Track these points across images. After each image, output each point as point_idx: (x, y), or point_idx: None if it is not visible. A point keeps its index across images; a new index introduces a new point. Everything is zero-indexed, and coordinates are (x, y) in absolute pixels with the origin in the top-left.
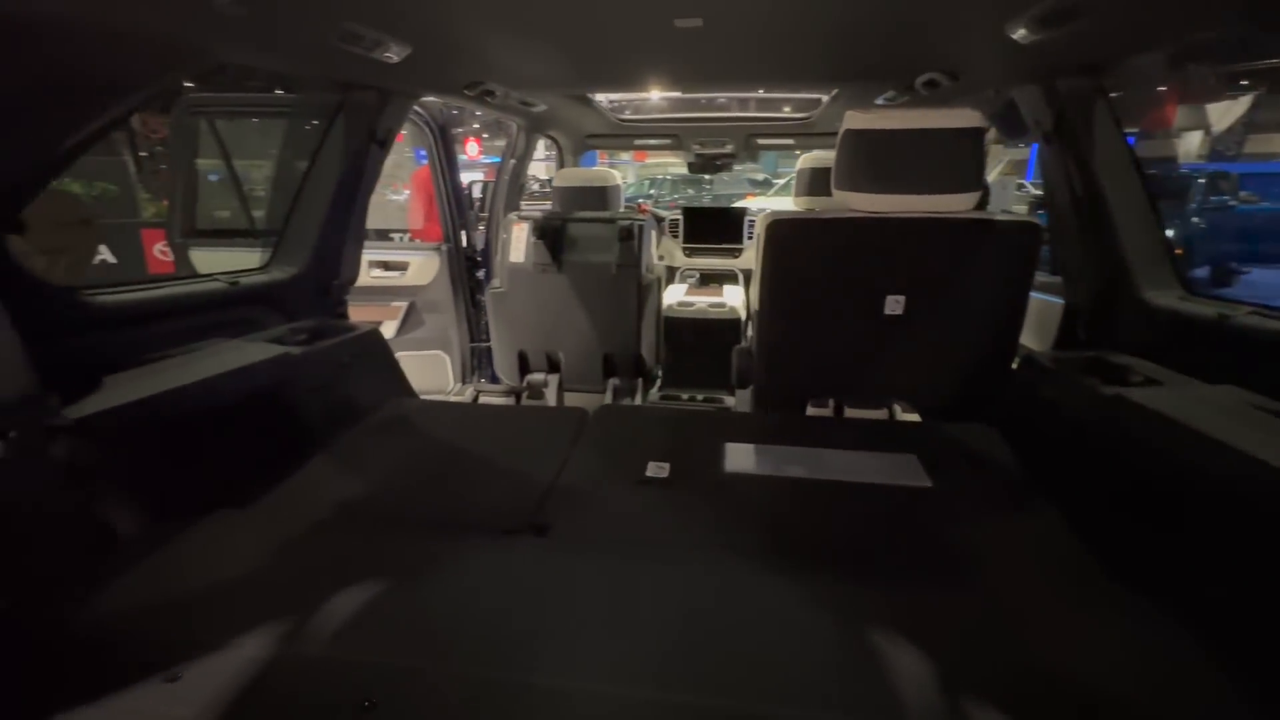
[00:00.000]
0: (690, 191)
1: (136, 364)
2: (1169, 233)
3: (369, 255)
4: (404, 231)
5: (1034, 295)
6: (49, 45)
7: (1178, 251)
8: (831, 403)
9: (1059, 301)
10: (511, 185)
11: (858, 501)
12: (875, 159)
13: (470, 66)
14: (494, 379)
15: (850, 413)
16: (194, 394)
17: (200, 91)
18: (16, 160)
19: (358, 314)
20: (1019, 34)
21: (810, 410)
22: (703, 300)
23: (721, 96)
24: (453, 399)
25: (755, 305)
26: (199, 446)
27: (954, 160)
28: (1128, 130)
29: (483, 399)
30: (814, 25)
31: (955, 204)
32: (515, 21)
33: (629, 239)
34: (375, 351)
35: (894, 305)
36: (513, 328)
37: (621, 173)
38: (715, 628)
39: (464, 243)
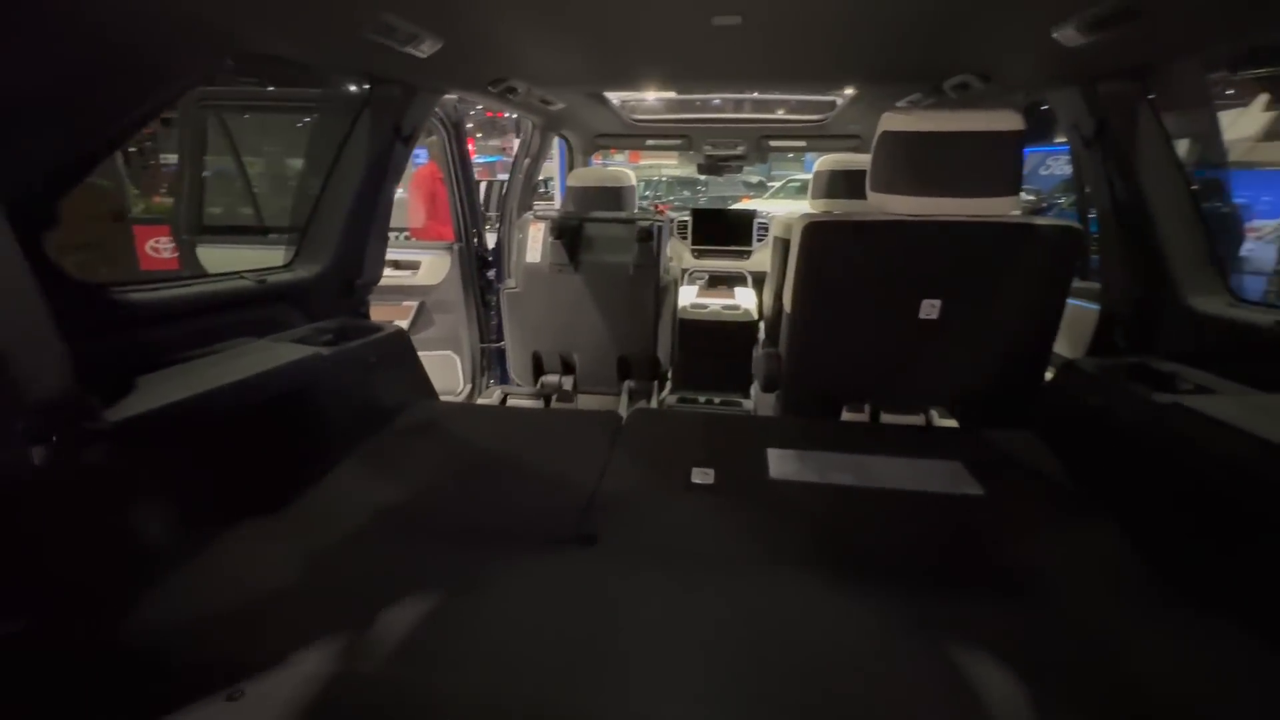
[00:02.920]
0: (685, 194)
1: (167, 364)
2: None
3: None
4: (401, 230)
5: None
6: (73, 32)
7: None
8: (867, 408)
9: (1093, 307)
10: (526, 184)
11: (910, 510)
12: (914, 161)
13: (498, 63)
14: (504, 380)
15: (886, 418)
16: (227, 396)
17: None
18: (53, 153)
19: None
20: (1065, 35)
21: (845, 416)
22: (716, 302)
23: (733, 97)
24: (480, 401)
25: (785, 307)
26: (230, 449)
27: (995, 163)
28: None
29: (511, 401)
30: (854, 24)
31: (996, 208)
32: (552, 18)
33: (648, 240)
34: (401, 352)
35: (929, 309)
36: (527, 329)
37: None
38: (777, 649)
39: (475, 242)
